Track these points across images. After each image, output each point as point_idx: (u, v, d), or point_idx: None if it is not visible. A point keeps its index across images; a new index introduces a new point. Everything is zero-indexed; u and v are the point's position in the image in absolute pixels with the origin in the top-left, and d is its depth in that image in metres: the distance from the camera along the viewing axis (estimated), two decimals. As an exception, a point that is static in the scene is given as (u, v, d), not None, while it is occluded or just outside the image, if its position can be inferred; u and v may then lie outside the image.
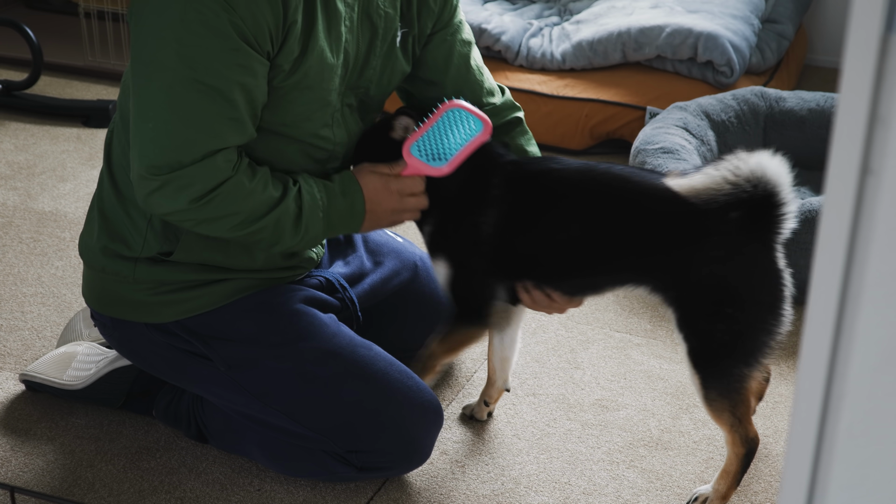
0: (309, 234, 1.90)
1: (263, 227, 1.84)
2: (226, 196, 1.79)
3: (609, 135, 3.66)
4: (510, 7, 4.19)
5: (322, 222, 1.90)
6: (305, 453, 2.02)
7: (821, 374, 0.81)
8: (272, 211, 1.84)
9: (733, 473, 1.97)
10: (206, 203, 1.78)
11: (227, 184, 1.79)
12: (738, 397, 1.88)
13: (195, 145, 1.75)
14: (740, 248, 1.83)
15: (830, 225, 0.78)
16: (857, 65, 0.75)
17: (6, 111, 3.83)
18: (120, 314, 2.02)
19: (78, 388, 2.23)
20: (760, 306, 1.84)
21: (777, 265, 1.85)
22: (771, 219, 1.82)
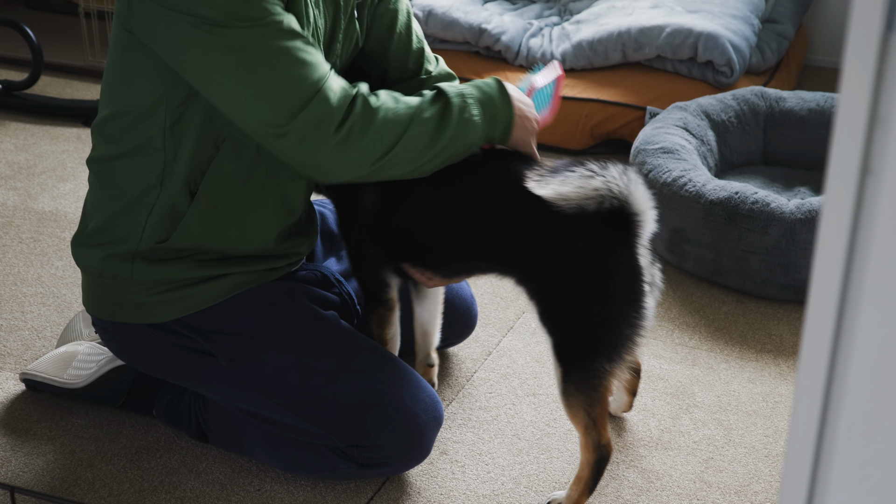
0: (460, 138, 1.86)
1: (428, 118, 1.82)
2: (361, 117, 1.77)
3: (609, 135, 3.66)
4: (510, 7, 4.19)
5: (478, 100, 1.88)
6: (307, 449, 2.03)
7: (821, 374, 0.81)
8: (416, 117, 1.82)
9: (585, 480, 1.97)
10: (347, 132, 1.76)
11: (357, 105, 1.77)
12: (595, 394, 1.89)
13: (300, 83, 1.73)
14: (599, 243, 1.86)
15: (830, 225, 0.78)
16: (858, 65, 0.75)
17: (6, 111, 3.83)
18: (121, 317, 2.01)
19: (78, 386, 2.23)
20: (621, 300, 1.86)
21: (637, 262, 1.88)
22: (629, 222, 1.86)
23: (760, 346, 2.61)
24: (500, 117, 1.91)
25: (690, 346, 2.60)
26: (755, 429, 2.31)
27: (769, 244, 2.71)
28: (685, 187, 2.82)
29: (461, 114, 1.86)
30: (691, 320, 2.70)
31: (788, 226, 2.68)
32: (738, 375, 2.49)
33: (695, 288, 2.85)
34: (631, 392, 2.26)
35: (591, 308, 1.86)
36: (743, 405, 2.38)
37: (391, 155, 1.81)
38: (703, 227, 2.78)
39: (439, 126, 1.83)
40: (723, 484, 2.14)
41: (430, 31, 3.86)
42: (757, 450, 2.25)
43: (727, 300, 2.80)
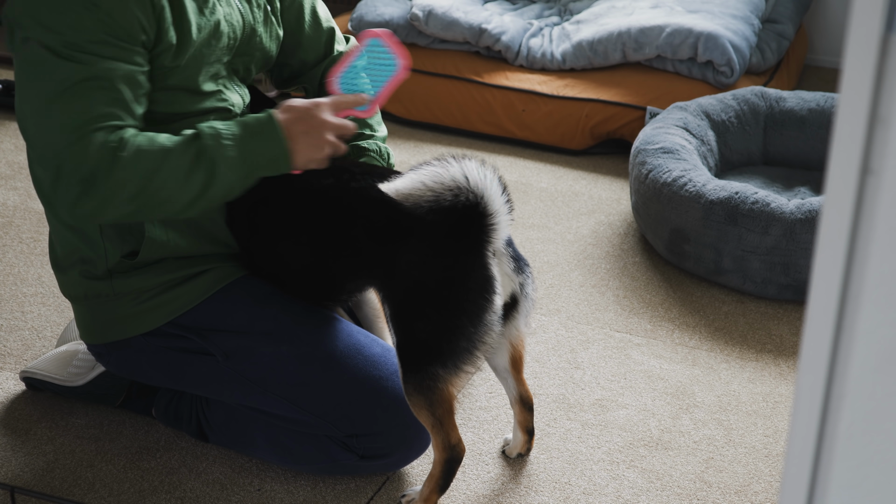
0: (220, 172, 1.81)
1: (163, 182, 1.78)
2: (109, 167, 1.76)
3: (609, 135, 3.66)
4: (510, 7, 4.19)
5: (235, 149, 1.82)
6: (308, 440, 2.03)
7: (821, 374, 0.81)
8: (166, 160, 1.79)
9: (435, 478, 1.96)
10: (92, 181, 1.76)
11: (106, 156, 1.77)
12: (433, 396, 1.88)
13: (67, 127, 1.76)
14: (442, 252, 1.84)
15: (831, 225, 0.78)
16: (858, 65, 0.75)
17: (6, 111, 3.83)
18: (115, 336, 2.03)
19: (78, 384, 2.24)
20: (460, 312, 1.84)
21: (485, 272, 1.84)
22: (479, 227, 1.82)
23: (760, 346, 2.61)
24: (269, 152, 1.85)
25: (690, 346, 2.60)
26: (755, 429, 2.31)
27: (769, 244, 2.71)
28: (685, 187, 2.82)
29: (216, 153, 1.81)
30: (691, 320, 2.70)
31: (788, 226, 2.68)
32: (739, 375, 2.49)
33: (695, 288, 2.85)
34: (525, 430, 2.16)
35: (430, 316, 1.84)
36: (743, 405, 2.39)
37: (146, 200, 1.79)
38: (704, 227, 2.78)
39: (192, 168, 1.80)
40: (723, 484, 2.14)
41: (430, 31, 3.86)
42: (757, 450, 2.25)
43: (727, 300, 2.80)
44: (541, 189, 3.41)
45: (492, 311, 1.85)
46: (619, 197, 3.36)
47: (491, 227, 1.83)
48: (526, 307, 1.99)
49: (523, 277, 1.97)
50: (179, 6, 1.85)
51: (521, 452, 2.18)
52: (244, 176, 1.84)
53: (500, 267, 1.90)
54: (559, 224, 3.18)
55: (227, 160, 1.81)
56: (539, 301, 2.77)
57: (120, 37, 1.77)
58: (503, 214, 1.83)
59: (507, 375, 2.11)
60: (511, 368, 2.09)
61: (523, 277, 1.97)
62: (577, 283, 2.86)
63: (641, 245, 3.06)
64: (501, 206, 1.82)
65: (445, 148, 3.71)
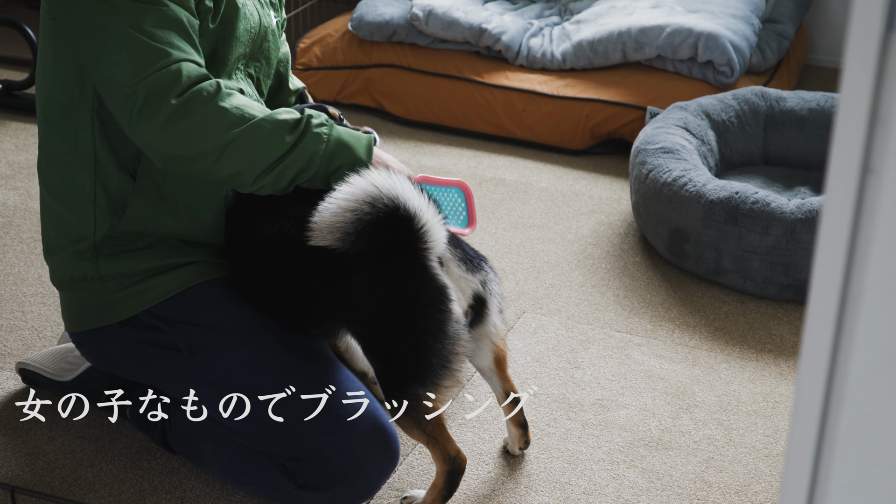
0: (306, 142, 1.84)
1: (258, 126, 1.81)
2: (208, 91, 1.80)
3: (609, 134, 3.66)
4: (510, 7, 4.19)
5: (326, 130, 1.87)
6: (254, 460, 1.98)
7: (821, 374, 0.81)
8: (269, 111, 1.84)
9: (438, 489, 1.95)
10: (189, 98, 1.78)
11: (207, 82, 1.81)
12: (419, 416, 1.86)
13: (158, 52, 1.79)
14: (385, 276, 1.81)
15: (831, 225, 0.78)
16: (858, 65, 0.75)
17: (6, 111, 3.83)
18: (93, 323, 2.03)
19: (66, 380, 2.27)
20: (422, 331, 1.80)
21: (434, 283, 1.80)
22: (410, 237, 1.77)
23: (761, 345, 2.61)
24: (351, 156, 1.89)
25: (691, 345, 2.60)
26: (755, 429, 2.31)
27: (769, 244, 2.71)
28: (685, 187, 2.82)
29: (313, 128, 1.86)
30: (692, 320, 2.70)
31: (789, 226, 2.68)
32: (739, 375, 2.49)
33: (695, 288, 2.85)
34: (518, 423, 2.14)
35: (395, 341, 1.82)
36: (743, 405, 2.38)
37: (236, 135, 1.80)
38: (704, 227, 2.78)
39: (290, 130, 1.84)
40: (723, 484, 2.14)
41: (431, 31, 3.86)
42: (757, 450, 2.25)
43: (727, 300, 2.80)
44: (541, 189, 3.41)
45: (453, 322, 1.81)
46: (620, 197, 3.36)
47: (422, 233, 1.77)
48: (494, 304, 1.96)
49: (482, 275, 1.93)
50: None
51: (520, 446, 2.18)
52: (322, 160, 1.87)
53: (450, 272, 1.86)
54: (559, 224, 3.18)
55: (317, 136, 1.86)
56: (539, 301, 2.77)
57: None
58: (429, 216, 1.77)
59: (491, 375, 2.09)
60: (495, 367, 2.07)
61: (482, 275, 1.93)
62: (577, 282, 2.86)
63: (641, 245, 3.06)
64: (423, 207, 1.76)
65: (445, 148, 3.71)
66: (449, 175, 3.48)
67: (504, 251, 3.02)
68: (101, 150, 1.94)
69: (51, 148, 1.99)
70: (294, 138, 1.84)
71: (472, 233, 2.08)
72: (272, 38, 2.10)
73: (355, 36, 3.99)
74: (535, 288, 2.83)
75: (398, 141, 3.76)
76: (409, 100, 3.87)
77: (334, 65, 3.99)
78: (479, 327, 1.97)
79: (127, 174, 1.95)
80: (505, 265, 2.94)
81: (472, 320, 1.93)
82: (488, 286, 1.94)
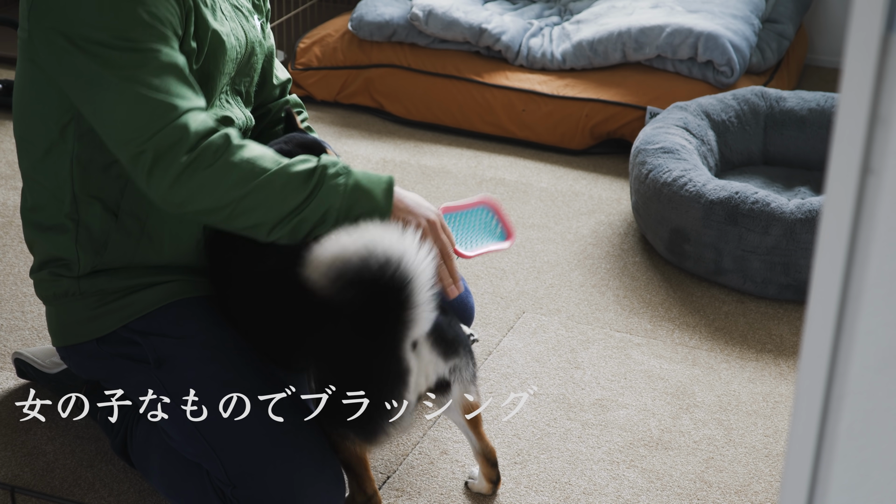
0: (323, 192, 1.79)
1: (270, 181, 1.77)
2: (217, 145, 1.76)
3: (609, 135, 3.66)
4: (510, 7, 4.19)
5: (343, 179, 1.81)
6: (193, 480, 1.94)
7: (821, 374, 0.81)
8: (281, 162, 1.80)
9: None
10: (199, 154, 1.75)
11: (216, 135, 1.77)
12: (345, 453, 1.88)
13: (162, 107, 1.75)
14: (355, 344, 1.77)
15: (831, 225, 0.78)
16: (858, 64, 0.75)
17: (6, 111, 3.83)
18: (74, 339, 2.03)
19: (52, 372, 2.29)
20: (370, 406, 1.77)
21: (397, 366, 1.76)
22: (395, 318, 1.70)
23: (761, 345, 2.61)
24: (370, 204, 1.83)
25: (691, 345, 2.60)
26: (755, 429, 2.31)
27: (769, 244, 2.71)
28: (685, 187, 2.82)
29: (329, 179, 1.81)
30: (691, 320, 2.70)
31: (789, 226, 2.68)
32: (739, 375, 2.49)
33: (695, 288, 2.85)
34: (489, 480, 2.09)
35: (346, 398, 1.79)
36: (743, 405, 2.39)
37: (247, 192, 1.77)
38: (704, 227, 2.78)
39: (304, 182, 1.79)
40: (723, 484, 2.14)
41: (431, 31, 3.86)
42: (757, 450, 2.25)
43: (727, 300, 2.80)
44: (541, 189, 3.41)
45: (405, 406, 1.79)
46: (619, 197, 3.36)
47: (410, 322, 1.72)
48: (457, 390, 1.92)
49: (456, 360, 1.88)
50: (199, 12, 1.87)
51: (485, 493, 2.11)
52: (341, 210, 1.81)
53: (420, 356, 1.81)
54: (559, 224, 3.18)
55: (334, 186, 1.80)
56: (539, 301, 2.77)
57: (167, 27, 1.79)
58: (425, 297, 1.70)
59: (466, 431, 2.04)
60: (469, 426, 2.02)
61: (456, 360, 1.88)
62: (577, 282, 2.86)
63: (641, 245, 3.06)
64: (427, 298, 1.70)
65: (445, 148, 3.71)
66: (442, 170, 3.48)
67: (504, 251, 3.02)
68: (80, 192, 1.92)
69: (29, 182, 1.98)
70: (308, 191, 1.79)
71: (513, 244, 2.05)
72: (259, 49, 2.09)
73: (355, 36, 3.99)
74: (535, 288, 2.83)
75: (398, 141, 3.76)
76: (409, 100, 3.87)
77: (334, 65, 3.99)
78: (441, 399, 1.94)
79: (109, 213, 1.94)
80: (505, 265, 2.94)
81: (438, 395, 1.91)
82: (459, 373, 1.91)
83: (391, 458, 2.19)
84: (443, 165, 3.57)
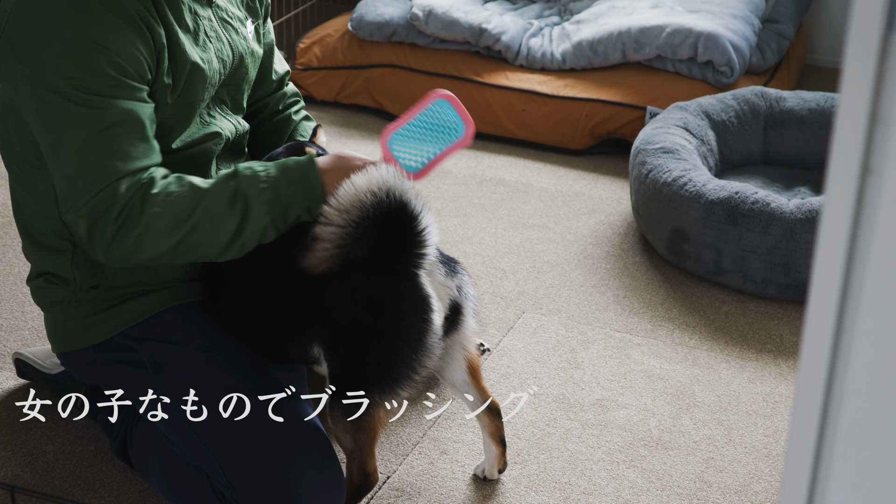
0: (254, 212, 1.81)
1: (197, 221, 1.79)
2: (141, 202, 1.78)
3: (609, 135, 3.66)
4: (510, 7, 4.19)
5: (268, 192, 1.81)
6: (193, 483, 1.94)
7: (821, 374, 0.81)
8: (202, 199, 1.79)
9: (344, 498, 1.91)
10: (126, 217, 1.77)
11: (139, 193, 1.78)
12: (362, 423, 1.84)
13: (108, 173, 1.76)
14: (366, 284, 1.78)
15: (831, 225, 0.78)
16: (858, 64, 0.75)
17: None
18: (71, 346, 2.03)
19: (52, 373, 2.30)
20: (399, 340, 1.78)
21: (420, 293, 1.78)
22: (407, 240, 1.75)
23: (761, 345, 2.61)
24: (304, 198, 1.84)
25: (691, 345, 2.60)
26: (755, 429, 2.31)
27: (769, 244, 2.71)
28: (685, 187, 2.82)
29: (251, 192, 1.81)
30: (691, 320, 2.70)
31: (789, 226, 2.68)
32: (739, 375, 2.49)
33: (695, 288, 2.85)
34: (498, 440, 2.08)
35: (370, 348, 1.80)
36: (743, 405, 2.39)
37: (181, 237, 1.80)
38: (704, 227, 2.78)
39: (228, 207, 1.80)
40: (723, 484, 2.14)
41: (431, 31, 3.86)
42: (757, 450, 2.25)
43: (727, 300, 2.80)
44: (541, 189, 3.41)
45: (432, 333, 1.80)
46: (619, 197, 3.36)
47: (421, 238, 1.76)
48: (469, 308, 1.93)
49: (458, 279, 1.91)
50: (176, 44, 1.86)
51: (499, 468, 2.11)
52: (278, 219, 1.83)
53: (433, 279, 1.83)
54: (559, 224, 3.18)
55: (262, 202, 1.81)
56: (539, 301, 2.77)
57: (131, 76, 1.78)
58: (430, 219, 1.75)
59: (466, 388, 2.03)
60: (469, 378, 2.02)
61: (458, 279, 1.91)
62: (577, 282, 2.86)
63: (641, 245, 3.06)
64: (425, 209, 1.74)
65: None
66: (442, 170, 3.48)
67: (504, 251, 3.02)
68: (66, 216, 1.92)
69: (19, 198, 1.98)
70: (239, 215, 1.80)
71: (472, 133, 1.92)
72: (251, 58, 2.07)
73: (355, 36, 3.99)
74: (535, 288, 2.83)
75: (398, 141, 3.76)
76: (409, 100, 3.87)
77: (334, 65, 3.99)
78: (455, 334, 1.94)
79: None
80: (505, 265, 2.94)
81: (448, 327, 1.91)
82: (464, 290, 1.92)
83: (391, 458, 2.19)
84: (443, 165, 3.57)
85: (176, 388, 1.92)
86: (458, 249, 3.01)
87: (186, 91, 1.90)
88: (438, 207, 3.26)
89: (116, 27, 1.75)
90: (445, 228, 3.14)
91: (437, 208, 3.25)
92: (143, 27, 1.79)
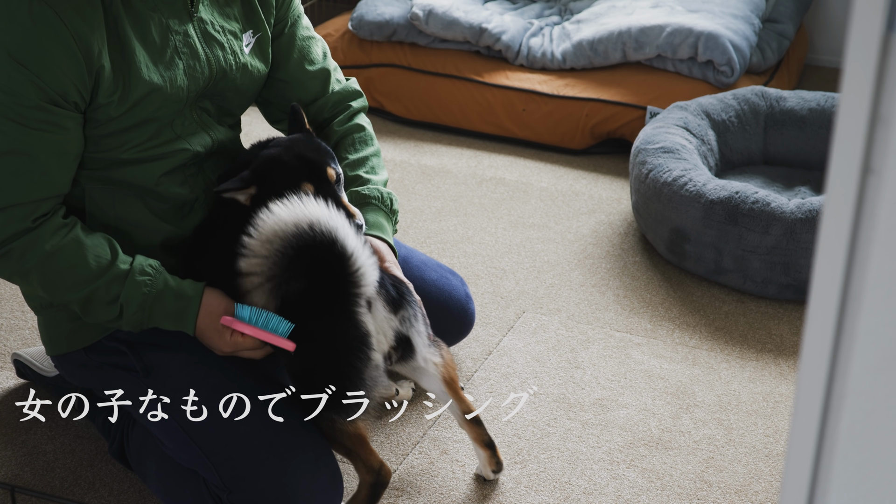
0: (123, 320, 1.88)
1: (73, 300, 1.85)
2: (21, 252, 1.80)
3: (609, 134, 3.66)
4: (510, 7, 4.19)
5: (142, 314, 1.87)
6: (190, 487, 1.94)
7: (821, 374, 0.81)
8: (87, 286, 1.84)
9: (360, 500, 1.93)
10: (6, 255, 1.80)
11: (20, 240, 1.80)
12: (336, 434, 1.88)
13: None
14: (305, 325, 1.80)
15: (831, 225, 0.78)
16: (858, 64, 0.74)
17: None
18: (63, 348, 2.04)
19: (50, 375, 2.30)
20: (340, 375, 1.80)
21: (357, 331, 1.79)
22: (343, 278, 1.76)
23: (761, 345, 2.61)
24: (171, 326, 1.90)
25: (691, 345, 2.60)
26: (755, 428, 2.31)
27: (770, 244, 2.71)
28: (685, 187, 2.82)
29: (130, 315, 1.87)
30: (692, 320, 2.70)
31: (789, 225, 2.68)
32: (739, 375, 2.49)
33: (695, 287, 2.85)
34: (484, 443, 2.08)
35: (316, 377, 1.82)
36: (743, 405, 2.38)
37: (49, 296, 1.88)
38: (704, 227, 2.78)
39: (107, 304, 1.86)
40: (723, 484, 2.14)
41: (431, 30, 3.86)
42: (757, 449, 2.24)
43: (727, 300, 2.80)
44: (541, 189, 3.41)
45: (371, 368, 1.82)
46: (620, 196, 3.36)
47: (355, 276, 1.76)
48: (417, 340, 1.93)
49: (403, 311, 1.90)
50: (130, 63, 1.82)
51: (493, 469, 2.11)
52: (135, 328, 1.90)
53: (375, 315, 1.84)
54: (559, 224, 3.18)
55: (133, 322, 1.88)
56: (539, 301, 2.77)
57: (51, 100, 1.75)
58: (364, 258, 1.76)
59: (445, 397, 2.04)
60: (446, 389, 2.03)
61: (403, 311, 1.90)
62: (577, 282, 2.86)
63: (641, 245, 3.06)
64: (359, 247, 1.75)
65: (445, 148, 3.71)
66: (442, 169, 3.48)
67: (504, 251, 3.02)
68: None
69: None
70: (110, 313, 1.87)
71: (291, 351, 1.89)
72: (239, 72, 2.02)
73: (355, 35, 3.99)
74: (535, 288, 2.83)
75: (398, 140, 3.76)
76: (409, 99, 3.87)
77: (334, 64, 3.99)
78: (410, 362, 1.95)
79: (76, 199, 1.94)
80: (505, 265, 2.94)
81: (403, 355, 1.92)
82: (407, 322, 1.91)
83: (391, 458, 2.19)
84: (443, 165, 3.57)
85: (167, 392, 1.92)
86: (458, 249, 3.02)
87: (143, 108, 1.86)
88: (438, 207, 3.26)
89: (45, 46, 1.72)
90: (445, 228, 3.14)
91: (437, 208, 3.25)
92: (76, 48, 1.74)
